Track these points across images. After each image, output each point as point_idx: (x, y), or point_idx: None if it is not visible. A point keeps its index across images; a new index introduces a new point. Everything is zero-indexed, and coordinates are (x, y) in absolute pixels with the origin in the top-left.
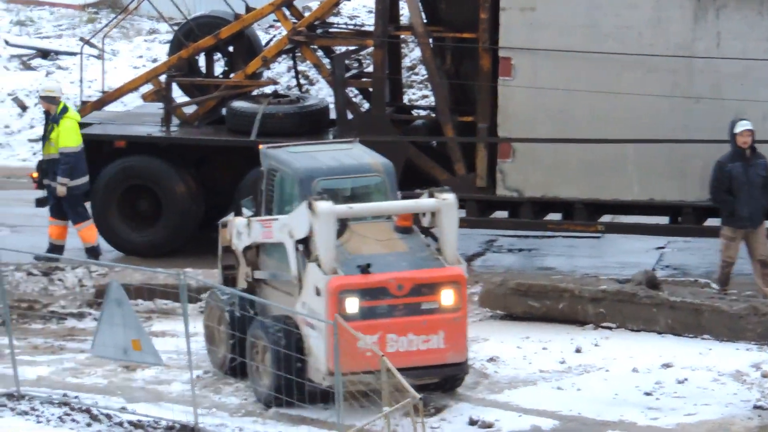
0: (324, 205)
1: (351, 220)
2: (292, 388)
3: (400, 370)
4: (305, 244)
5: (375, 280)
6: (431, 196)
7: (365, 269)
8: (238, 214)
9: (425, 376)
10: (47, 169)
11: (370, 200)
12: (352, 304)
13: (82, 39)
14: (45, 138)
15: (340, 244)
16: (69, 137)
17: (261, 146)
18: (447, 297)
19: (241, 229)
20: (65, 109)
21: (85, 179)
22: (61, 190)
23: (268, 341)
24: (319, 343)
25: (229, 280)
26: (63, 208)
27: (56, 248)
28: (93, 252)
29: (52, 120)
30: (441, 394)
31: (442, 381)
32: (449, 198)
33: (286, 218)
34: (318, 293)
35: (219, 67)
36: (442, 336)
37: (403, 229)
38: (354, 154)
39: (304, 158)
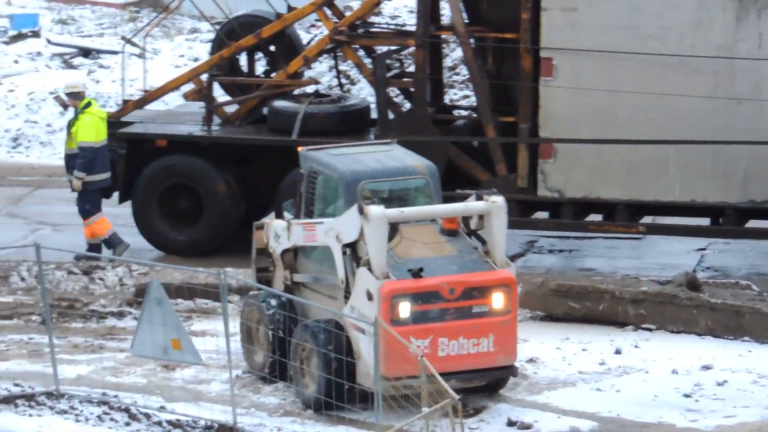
0: (376, 210)
1: (401, 224)
2: (340, 392)
3: (450, 374)
4: (352, 247)
5: (427, 285)
6: (479, 198)
7: (417, 273)
8: (279, 217)
9: (474, 379)
10: (69, 163)
11: (414, 203)
12: (405, 309)
13: (123, 38)
14: (68, 133)
15: (390, 248)
16: (88, 132)
17: (300, 149)
18: (497, 300)
19: (279, 232)
20: (88, 104)
21: (104, 175)
22: (77, 184)
23: (315, 345)
24: (369, 347)
25: (263, 283)
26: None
27: (95, 247)
28: (95, 248)
29: (75, 115)
30: (481, 395)
31: (488, 384)
32: (499, 201)
33: (333, 222)
34: (370, 298)
35: (260, 67)
36: (492, 339)
37: (449, 232)
38: (395, 155)
39: (347, 161)
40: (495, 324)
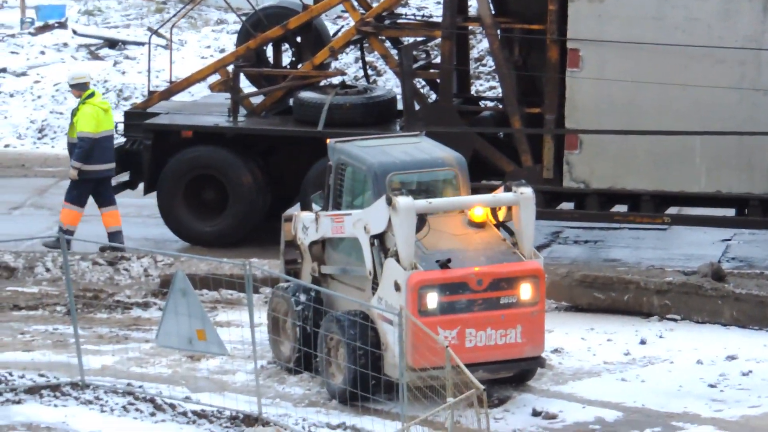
0: (404, 201)
1: (429, 215)
2: (367, 383)
3: (478, 364)
4: (380, 239)
5: (455, 275)
6: (508, 189)
7: (445, 264)
8: (306, 208)
9: (501, 370)
10: (71, 151)
11: (442, 194)
12: (432, 299)
13: (149, 29)
14: (71, 122)
15: (417, 239)
16: (87, 122)
17: (329, 140)
18: (525, 291)
19: (307, 224)
20: (91, 95)
21: (102, 166)
22: (72, 173)
23: (343, 336)
24: (396, 338)
25: (292, 275)
26: (108, 195)
27: (114, 235)
28: (67, 233)
29: (77, 105)
30: (506, 386)
31: (515, 374)
32: (527, 192)
33: (361, 213)
34: (397, 288)
35: (286, 58)
36: (519, 330)
37: (476, 223)
38: (424, 147)
39: (376, 153)
40: (523, 315)
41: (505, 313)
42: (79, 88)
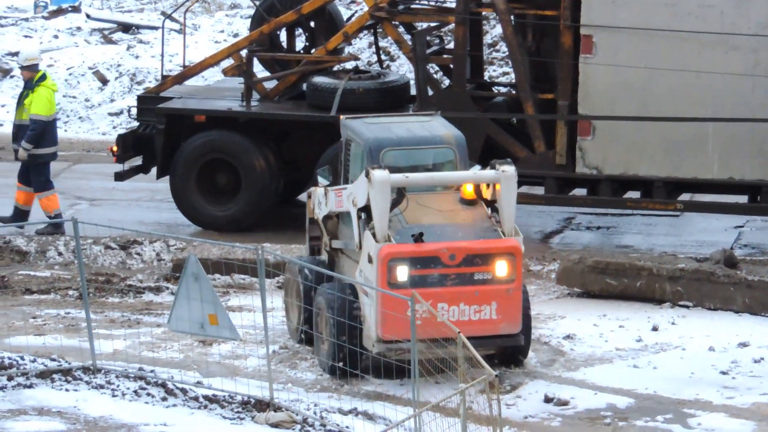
0: (379, 174)
1: (411, 190)
2: (351, 355)
3: (451, 339)
4: (367, 212)
5: (426, 249)
6: (492, 168)
7: (418, 238)
8: (315, 183)
9: (478, 347)
10: (17, 134)
11: (439, 171)
12: (402, 273)
13: (163, 13)
14: (19, 104)
15: (399, 212)
16: (41, 105)
17: (342, 117)
18: (501, 268)
19: (320, 199)
20: (43, 77)
21: (54, 149)
22: (22, 154)
23: (326, 308)
24: (371, 311)
25: (316, 251)
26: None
27: (22, 213)
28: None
29: (27, 87)
30: (518, 372)
31: (505, 354)
32: (509, 170)
33: (351, 187)
34: (370, 261)
35: (300, 43)
36: (494, 307)
37: (468, 201)
38: (430, 126)
39: (377, 129)
40: (498, 292)
41: (479, 289)
42: (31, 70)
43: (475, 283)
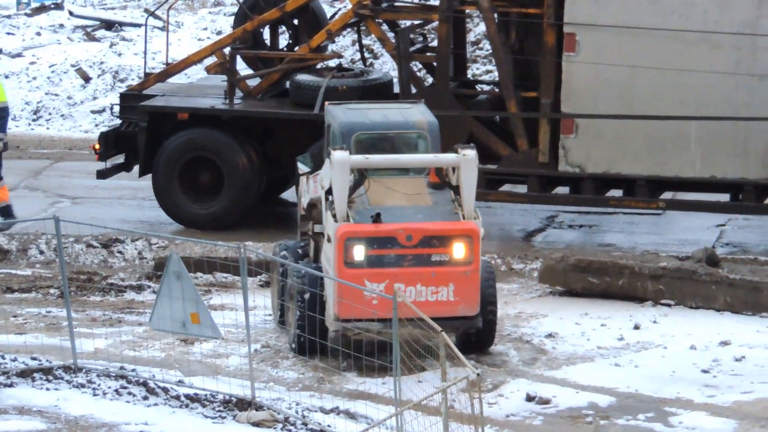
0: (339, 154)
1: (376, 172)
2: (320, 334)
3: (408, 320)
4: (332, 194)
5: (383, 230)
6: (455, 152)
7: (376, 218)
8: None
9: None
10: None
11: None
12: (359, 252)
13: (146, 10)
14: None
15: (363, 193)
16: (2, 92)
17: (327, 103)
18: (458, 250)
19: (304, 187)
20: None
21: (6, 136)
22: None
23: (294, 287)
24: (329, 290)
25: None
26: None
27: (5, 209)
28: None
29: None
30: (500, 370)
31: (467, 337)
32: (470, 154)
33: (322, 171)
34: (329, 240)
35: (283, 40)
36: (452, 288)
37: (436, 185)
38: (407, 112)
39: (352, 114)
40: (455, 273)
41: (436, 270)
42: None
43: (432, 264)
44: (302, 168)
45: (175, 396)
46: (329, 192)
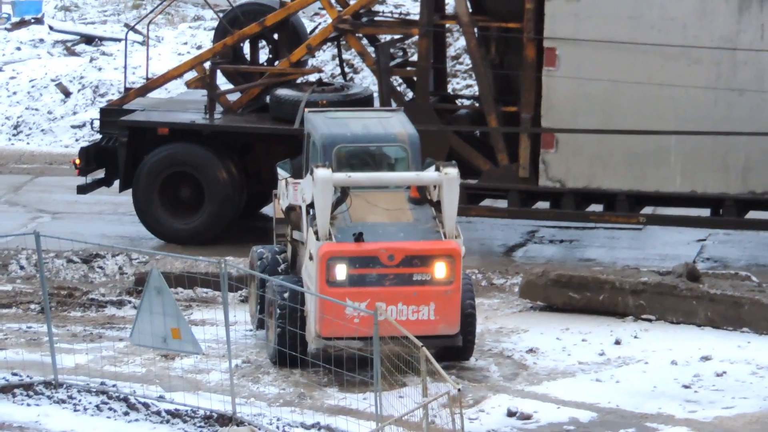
0: (322, 172)
1: (356, 189)
2: (295, 345)
3: (388, 337)
4: (314, 209)
5: (365, 249)
6: (437, 170)
7: (358, 238)
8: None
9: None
10: None
11: (392, 170)
12: (341, 271)
13: (126, 25)
14: None
15: (345, 210)
16: None
17: (307, 110)
18: (440, 270)
19: (283, 191)
20: None
21: None
22: None
23: (274, 301)
24: (311, 307)
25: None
26: None
27: None
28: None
29: None
30: (481, 386)
31: (446, 351)
32: (451, 172)
33: (302, 182)
34: (311, 258)
35: (263, 55)
36: (432, 307)
37: (416, 200)
38: (388, 123)
39: (333, 124)
40: (436, 293)
41: (417, 289)
42: None
43: (413, 283)
44: (282, 173)
45: (156, 412)
46: (311, 205)
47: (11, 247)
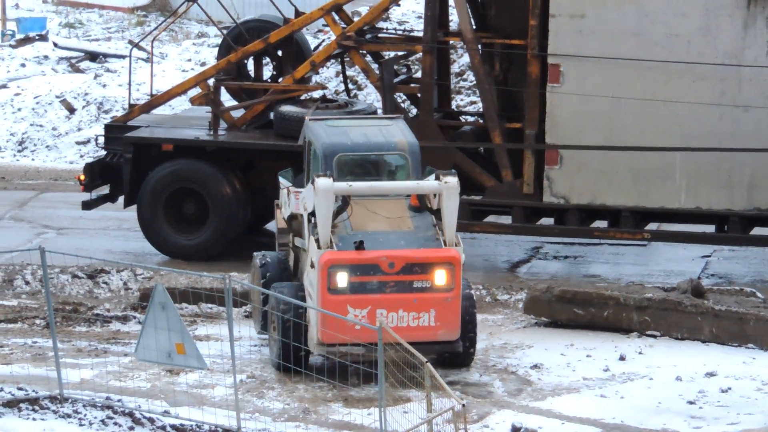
0: (323, 182)
1: (355, 198)
2: (297, 355)
3: (390, 344)
4: (315, 217)
5: (366, 257)
6: (437, 178)
7: (359, 246)
8: (276, 186)
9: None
10: None
11: (393, 178)
12: (342, 279)
13: (130, 42)
14: None
15: (346, 218)
16: None
17: (307, 117)
18: (440, 277)
19: (285, 199)
20: None
21: None
22: None
23: (276, 308)
24: (312, 315)
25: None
26: None
27: None
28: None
29: None
30: (486, 401)
31: (446, 358)
32: (451, 181)
33: (304, 191)
34: (312, 266)
35: (267, 72)
36: (433, 314)
37: (417, 208)
38: (388, 131)
39: (333, 132)
40: (436, 300)
41: (417, 296)
42: None
43: (414, 290)
44: (283, 183)
45: (161, 426)
46: (312, 214)
47: (16, 262)
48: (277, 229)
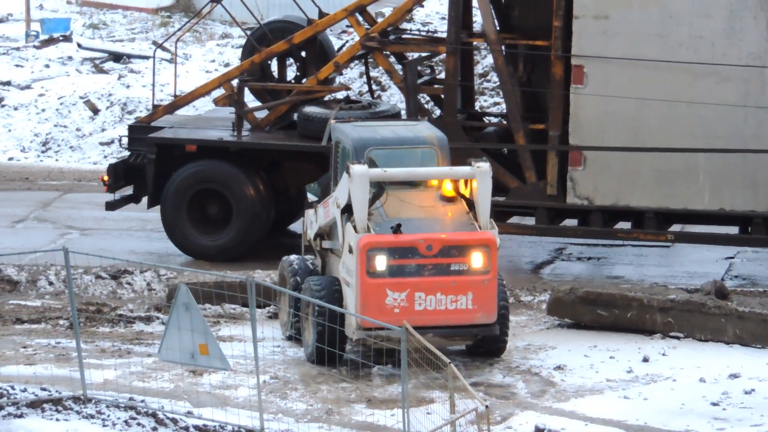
0: (359, 168)
1: (390, 185)
2: (333, 344)
3: (428, 328)
4: (349, 211)
5: (404, 240)
6: (469, 165)
7: (396, 229)
8: (305, 199)
9: (453, 335)
10: None
11: None
12: (381, 262)
13: (154, 43)
14: None
15: (380, 206)
16: None
17: (332, 121)
18: (477, 259)
19: (311, 218)
20: None
21: None
22: None
23: (311, 297)
24: (350, 299)
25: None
26: None
27: None
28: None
29: None
30: (509, 402)
31: (480, 345)
32: (484, 166)
33: (336, 191)
34: (351, 251)
35: (291, 72)
36: (470, 297)
37: (447, 198)
38: (415, 128)
39: (362, 130)
40: (473, 282)
41: (455, 279)
42: None
43: (451, 273)
44: (311, 197)
45: (184, 427)
46: (345, 210)
47: (40, 263)
48: (303, 247)
